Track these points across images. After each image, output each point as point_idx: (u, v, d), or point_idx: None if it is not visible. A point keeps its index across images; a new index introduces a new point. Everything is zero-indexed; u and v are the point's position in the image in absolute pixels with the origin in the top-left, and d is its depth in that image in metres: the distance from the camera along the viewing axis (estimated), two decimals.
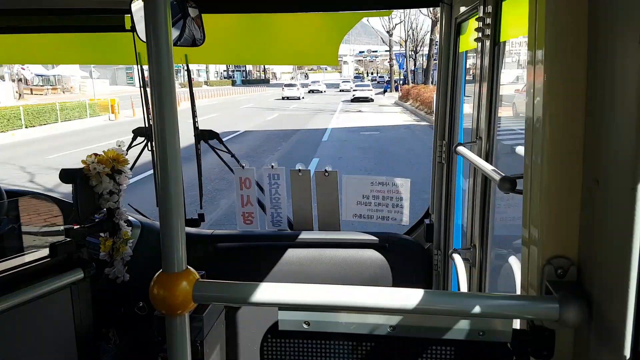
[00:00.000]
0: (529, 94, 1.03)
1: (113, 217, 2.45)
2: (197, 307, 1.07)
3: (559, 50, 0.94)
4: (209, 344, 2.17)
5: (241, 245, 2.83)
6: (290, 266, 2.69)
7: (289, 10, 2.45)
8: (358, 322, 1.10)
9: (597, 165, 0.89)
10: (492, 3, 1.60)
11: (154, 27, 0.95)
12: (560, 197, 0.98)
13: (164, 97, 0.96)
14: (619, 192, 0.81)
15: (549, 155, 0.97)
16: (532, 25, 1.02)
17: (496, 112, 1.69)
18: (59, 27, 2.69)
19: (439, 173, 2.51)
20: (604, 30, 0.87)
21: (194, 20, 2.22)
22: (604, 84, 0.87)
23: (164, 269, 1.02)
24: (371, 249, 2.69)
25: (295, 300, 1.01)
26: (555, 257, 0.99)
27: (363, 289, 1.00)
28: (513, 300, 1.02)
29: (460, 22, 2.18)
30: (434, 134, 2.54)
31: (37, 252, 1.95)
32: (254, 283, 1.02)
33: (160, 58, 0.95)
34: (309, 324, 1.10)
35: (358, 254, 2.69)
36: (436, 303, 1.00)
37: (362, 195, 2.85)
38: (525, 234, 1.07)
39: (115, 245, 2.47)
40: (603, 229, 0.89)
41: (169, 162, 0.97)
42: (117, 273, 2.48)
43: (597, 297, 0.91)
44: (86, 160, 2.37)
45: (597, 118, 0.90)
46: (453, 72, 2.31)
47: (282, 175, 2.89)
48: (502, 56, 1.70)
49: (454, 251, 2.00)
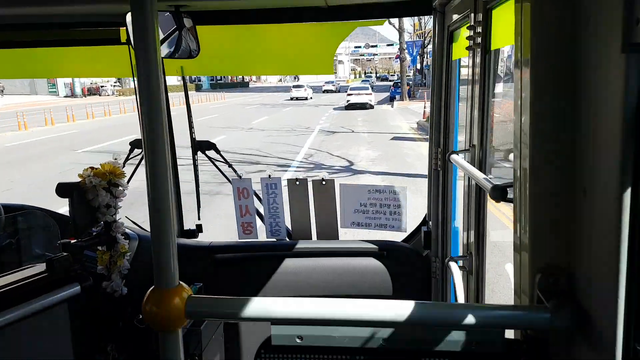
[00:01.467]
0: (516, 103, 1.03)
1: (110, 231, 2.45)
2: (195, 320, 1.07)
3: (544, 59, 0.95)
4: (207, 356, 2.16)
5: (240, 256, 2.82)
6: (290, 276, 2.68)
7: (282, 21, 2.47)
8: (351, 336, 1.10)
9: (584, 175, 0.89)
10: (482, 11, 1.61)
11: (142, 38, 0.94)
12: (550, 206, 0.98)
13: (154, 109, 0.96)
14: (605, 201, 0.82)
15: (537, 164, 0.97)
16: (518, 33, 1.02)
17: (488, 119, 1.70)
18: (54, 41, 2.70)
19: (435, 180, 2.51)
20: (588, 39, 0.87)
21: (188, 30, 2.24)
22: (589, 93, 0.87)
23: (156, 284, 1.02)
24: (370, 257, 2.69)
25: (288, 315, 1.01)
26: (546, 266, 0.99)
27: (356, 302, 1.00)
28: (505, 310, 1.02)
29: (453, 31, 2.19)
30: (429, 141, 2.55)
31: (34, 267, 1.95)
32: (247, 298, 1.02)
33: (149, 70, 0.95)
34: (302, 339, 1.10)
35: (357, 263, 2.69)
36: (429, 315, 1.00)
37: (359, 203, 2.86)
38: (517, 242, 1.08)
39: (112, 258, 2.47)
40: (591, 238, 0.89)
41: (159, 175, 0.97)
42: (114, 287, 2.47)
43: (587, 305, 0.91)
44: (82, 173, 2.38)
45: (583, 126, 0.90)
46: (447, 79, 2.32)
47: (279, 185, 2.90)
48: (494, 64, 1.71)
49: (450, 259, 2.00)
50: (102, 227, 2.46)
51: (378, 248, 2.70)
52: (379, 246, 2.71)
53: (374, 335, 1.08)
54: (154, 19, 0.95)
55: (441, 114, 2.39)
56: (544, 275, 0.99)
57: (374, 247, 2.71)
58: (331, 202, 2.82)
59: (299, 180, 2.82)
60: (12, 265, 2.05)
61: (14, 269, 1.94)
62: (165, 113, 0.98)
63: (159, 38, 0.98)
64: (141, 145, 2.95)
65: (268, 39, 2.84)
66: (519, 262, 1.07)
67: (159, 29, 0.98)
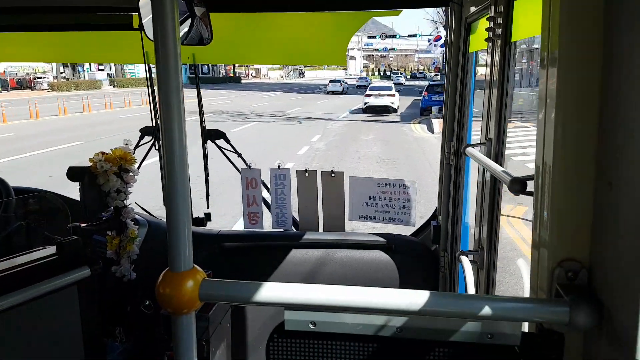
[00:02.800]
0: (541, 94, 1.02)
1: (120, 216, 2.46)
2: (203, 306, 1.07)
3: (573, 50, 0.93)
4: (214, 343, 2.17)
5: (247, 245, 2.83)
6: (297, 267, 2.68)
7: (296, 10, 2.45)
8: (364, 323, 1.09)
9: (611, 168, 0.88)
10: (504, 2, 1.59)
11: (161, 26, 0.95)
12: (571, 199, 0.96)
13: (171, 96, 0.96)
14: (633, 194, 0.80)
15: (560, 156, 0.96)
16: (545, 25, 1.00)
17: (506, 113, 1.68)
18: (66, 25, 2.69)
19: (447, 175, 2.50)
20: (620, 31, 0.85)
21: (201, 19, 2.22)
22: (619, 85, 0.85)
23: (171, 267, 1.01)
24: (377, 250, 2.68)
25: (302, 300, 1.01)
26: (565, 260, 0.98)
27: (370, 290, 0.99)
28: (522, 303, 1.01)
29: (470, 22, 2.16)
30: (442, 135, 2.53)
31: (44, 249, 1.96)
32: (261, 282, 1.01)
33: (167, 57, 0.95)
34: (315, 324, 1.09)
35: (364, 255, 2.68)
36: (444, 305, 0.99)
37: (368, 197, 2.84)
38: (536, 236, 1.06)
39: (122, 243, 2.48)
40: (615, 232, 0.87)
41: (176, 161, 0.97)
42: (123, 271, 2.49)
43: (607, 301, 0.90)
44: (94, 158, 2.38)
45: (611, 120, 0.88)
46: (463, 72, 2.30)
47: (288, 176, 2.89)
48: (513, 56, 1.69)
49: (461, 253, 1.98)
50: (112, 212, 2.46)
51: (386, 241, 2.69)
52: (386, 239, 2.70)
53: (387, 324, 1.08)
54: (173, 5, 0.95)
55: (455, 108, 2.37)
56: (563, 269, 0.98)
57: (381, 240, 2.70)
58: (339, 195, 2.81)
59: (308, 171, 2.82)
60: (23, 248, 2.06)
61: (24, 251, 1.95)
62: (183, 101, 0.98)
63: (178, 25, 0.98)
64: (151, 132, 2.97)
65: (281, 27, 2.82)
66: (537, 256, 1.06)
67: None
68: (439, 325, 1.07)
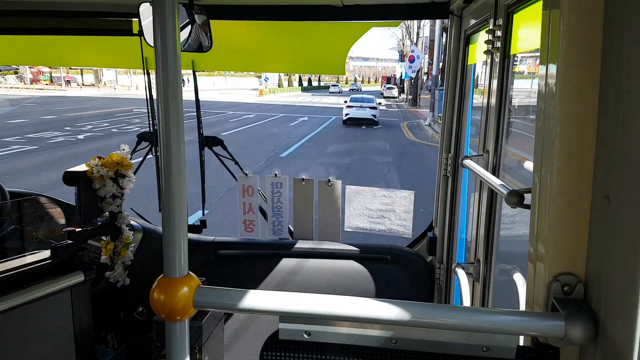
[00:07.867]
0: (540, 107, 1.02)
1: (115, 221, 2.44)
2: (196, 313, 1.06)
3: (572, 63, 0.93)
4: (207, 350, 2.15)
5: (242, 252, 2.81)
6: (291, 275, 2.67)
7: (297, 19, 2.46)
8: (359, 334, 1.08)
9: (609, 181, 0.88)
10: (503, 15, 1.60)
11: (162, 32, 0.95)
12: (568, 213, 0.96)
13: (170, 102, 0.96)
14: (630, 209, 0.80)
15: (558, 170, 0.96)
16: (544, 40, 1.01)
17: (504, 125, 1.68)
18: (67, 29, 2.70)
19: (444, 186, 2.49)
20: (619, 48, 0.86)
21: (201, 27, 2.23)
22: (618, 99, 0.86)
23: (166, 273, 1.01)
24: (373, 261, 2.67)
25: (296, 310, 1.00)
26: (562, 274, 0.98)
27: (365, 300, 0.98)
28: (518, 316, 1.00)
29: (470, 35, 2.18)
30: (440, 147, 2.53)
31: (38, 253, 1.94)
32: (256, 291, 1.01)
33: (167, 63, 0.95)
34: (309, 334, 1.08)
35: (359, 266, 2.67)
36: (439, 317, 0.98)
37: (364, 207, 2.84)
38: (532, 249, 1.06)
39: (116, 249, 2.46)
40: (612, 247, 0.87)
41: (174, 167, 0.97)
42: (117, 277, 2.47)
43: (604, 316, 0.89)
44: (90, 163, 2.37)
45: (609, 133, 0.88)
46: (461, 84, 2.31)
47: (284, 184, 2.88)
48: (512, 69, 1.69)
49: (457, 265, 1.98)
50: (107, 218, 2.45)
51: (381, 252, 2.68)
52: (382, 250, 2.69)
53: (382, 335, 1.07)
54: (174, 12, 0.95)
55: (453, 119, 2.38)
56: (559, 283, 0.97)
57: (377, 251, 2.69)
58: (336, 204, 2.81)
59: (305, 179, 2.81)
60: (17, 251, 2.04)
61: (18, 254, 1.93)
62: (182, 107, 0.98)
63: (179, 31, 0.98)
64: (147, 138, 2.96)
65: (281, 36, 2.83)
66: (534, 269, 1.05)
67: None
68: (434, 337, 1.06)
